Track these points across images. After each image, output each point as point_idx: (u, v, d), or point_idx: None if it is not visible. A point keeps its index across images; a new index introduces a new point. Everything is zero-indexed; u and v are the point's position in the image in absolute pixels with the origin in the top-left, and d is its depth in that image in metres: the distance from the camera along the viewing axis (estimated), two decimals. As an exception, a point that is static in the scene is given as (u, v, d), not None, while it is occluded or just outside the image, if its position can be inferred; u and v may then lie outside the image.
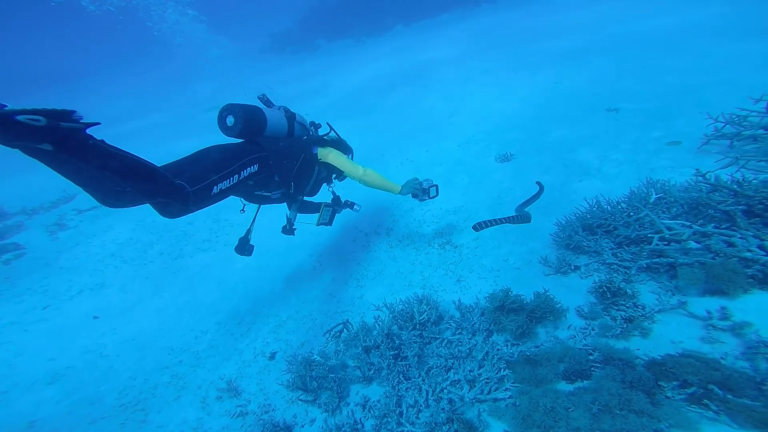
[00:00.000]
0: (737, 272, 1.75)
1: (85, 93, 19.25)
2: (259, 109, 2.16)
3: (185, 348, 2.65)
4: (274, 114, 2.22)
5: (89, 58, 26.92)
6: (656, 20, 7.15)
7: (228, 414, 2.04)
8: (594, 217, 2.50)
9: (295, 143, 2.36)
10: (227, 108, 2.07)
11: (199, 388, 2.30)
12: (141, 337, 2.90)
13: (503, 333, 2.03)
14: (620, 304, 1.97)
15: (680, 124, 3.58)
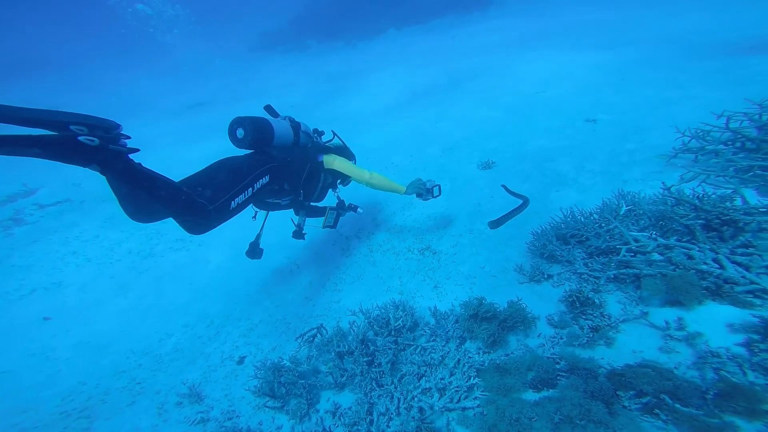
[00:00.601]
0: (693, 284, 1.86)
1: (74, 84, 18.32)
2: (266, 120, 2.30)
3: (147, 351, 2.55)
4: (281, 124, 2.36)
5: (78, 50, 25.72)
6: (638, 32, 7.51)
7: (187, 421, 1.97)
8: (568, 227, 2.60)
9: (301, 152, 2.51)
10: (237, 121, 2.21)
11: (157, 393, 2.21)
12: (98, 340, 2.77)
13: (476, 341, 2.08)
14: (588, 313, 2.05)
15: (653, 137, 3.78)
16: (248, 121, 2.19)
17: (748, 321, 1.73)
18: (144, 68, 19.59)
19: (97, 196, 5.52)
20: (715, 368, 1.53)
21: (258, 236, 2.73)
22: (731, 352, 1.60)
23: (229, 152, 2.21)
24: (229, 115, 2.26)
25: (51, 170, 7.03)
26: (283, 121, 2.42)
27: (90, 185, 6.03)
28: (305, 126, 2.58)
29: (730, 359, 1.57)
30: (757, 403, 1.28)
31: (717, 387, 1.40)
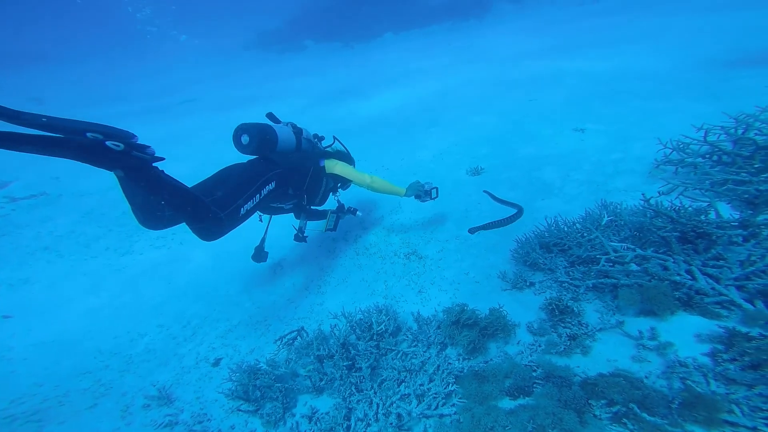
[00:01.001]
0: (667, 295, 1.94)
1: (62, 77, 17.79)
2: (270, 127, 2.41)
3: (116, 352, 2.47)
4: (284, 130, 2.48)
5: (66, 43, 25.14)
6: (632, 45, 7.74)
7: (153, 424, 1.91)
8: (551, 235, 2.67)
9: (303, 157, 2.64)
10: (242, 128, 2.32)
11: (123, 395, 2.14)
12: (63, 340, 2.67)
13: (457, 347, 2.12)
14: (567, 321, 2.11)
15: (637, 148, 3.90)
16: (253, 128, 2.30)
17: (714, 332, 1.81)
18: (136, 63, 19.24)
19: (76, 191, 5.38)
20: (682, 378, 1.59)
21: (262, 240, 2.86)
22: (698, 362, 1.68)
23: (208, 152, 2.19)
24: (216, 115, 2.25)
25: (26, 163, 6.82)
26: (285, 128, 2.53)
27: (69, 180, 5.87)
28: (306, 132, 2.70)
29: (696, 369, 1.64)
30: (715, 412, 1.35)
31: (682, 396, 1.46)
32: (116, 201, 4.96)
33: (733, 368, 1.62)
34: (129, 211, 5.09)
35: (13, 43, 24.77)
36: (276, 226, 2.93)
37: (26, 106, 6.49)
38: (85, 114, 10.22)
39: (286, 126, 2.57)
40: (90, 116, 8.84)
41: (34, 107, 12.27)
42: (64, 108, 11.51)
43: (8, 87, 15.67)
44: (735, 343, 1.71)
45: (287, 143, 2.49)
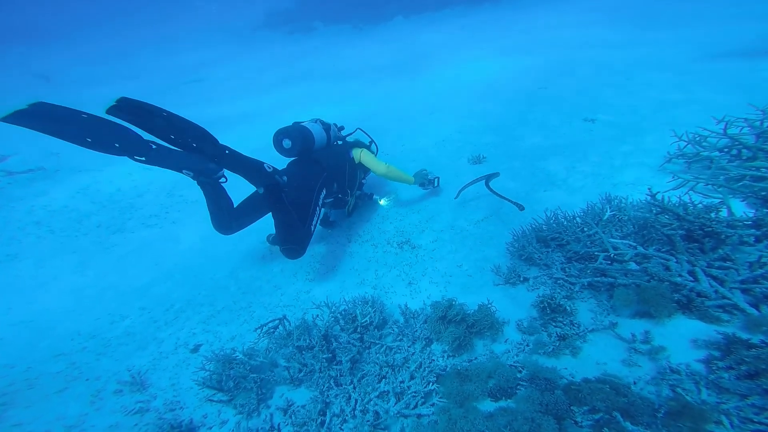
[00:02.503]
0: (665, 297, 1.84)
1: (56, 52, 17.58)
2: (306, 128, 2.69)
3: (95, 334, 2.44)
4: (316, 129, 2.75)
5: (63, 14, 24.70)
6: (649, 33, 7.31)
7: (123, 410, 1.89)
8: (550, 229, 2.55)
9: (338, 153, 2.92)
10: (282, 132, 2.62)
11: (97, 379, 2.11)
12: (42, 320, 2.64)
13: (442, 343, 2.06)
14: (558, 320, 2.03)
15: (649, 141, 3.70)
16: (293, 132, 2.60)
17: (711, 337, 1.72)
18: (146, 36, 18.95)
19: (74, 167, 5.35)
20: (671, 385, 1.52)
21: None
22: (690, 368, 1.59)
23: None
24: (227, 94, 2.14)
25: (25, 138, 6.80)
26: (316, 125, 2.78)
27: (67, 156, 5.84)
28: (333, 126, 2.96)
29: (688, 376, 1.55)
30: (702, 422, 1.28)
31: (669, 405, 1.38)
32: (112, 177, 4.93)
33: (728, 377, 1.53)
34: (124, 188, 5.02)
35: (20, 18, 24.45)
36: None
37: (33, 84, 6.39)
38: (96, 93, 10.09)
39: (316, 123, 2.79)
40: (100, 95, 8.68)
41: (41, 85, 12.26)
42: (72, 86, 11.40)
43: (15, 64, 15.56)
44: (733, 350, 1.61)
45: (321, 141, 2.76)
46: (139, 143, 1.91)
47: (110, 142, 1.79)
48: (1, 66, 15.03)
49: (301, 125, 2.69)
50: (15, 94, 10.90)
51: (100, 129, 1.79)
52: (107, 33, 21.21)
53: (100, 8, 25.15)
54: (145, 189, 4.54)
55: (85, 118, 1.75)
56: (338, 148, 2.96)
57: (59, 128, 1.70)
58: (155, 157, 1.94)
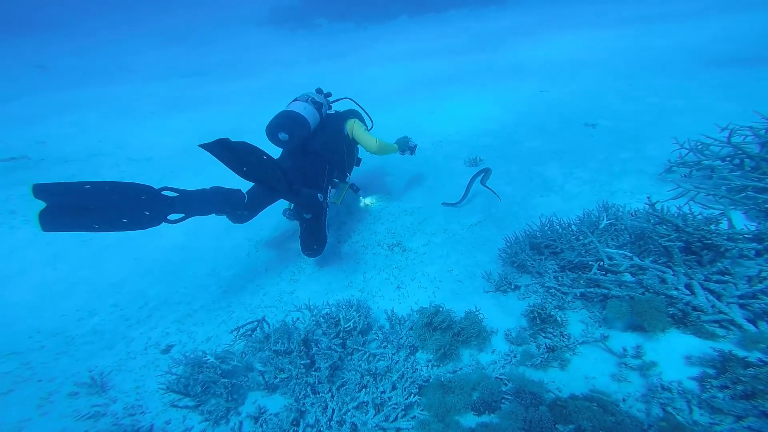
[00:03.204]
0: (659, 310, 1.78)
1: (52, 42, 17.42)
2: (299, 115, 2.61)
3: (58, 331, 2.33)
4: (309, 112, 2.67)
5: (60, 6, 24.55)
6: (656, 40, 7.30)
7: (74, 415, 1.77)
8: (544, 236, 2.50)
9: (334, 136, 2.84)
10: (277, 125, 2.53)
11: (51, 380, 2.00)
12: (1, 316, 2.53)
13: (427, 352, 2.00)
14: (548, 331, 1.98)
15: (650, 148, 3.67)
16: (287, 121, 2.52)
17: (706, 354, 1.67)
18: (142, 30, 18.84)
19: (59, 157, 5.27)
20: (662, 403, 1.46)
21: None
22: (683, 386, 1.54)
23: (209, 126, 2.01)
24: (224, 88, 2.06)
25: (12, 127, 6.71)
26: (308, 107, 2.70)
27: (54, 145, 5.76)
28: (322, 100, 2.85)
29: (680, 394, 1.50)
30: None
31: (659, 425, 1.33)
32: (98, 168, 4.85)
33: (722, 397, 1.48)
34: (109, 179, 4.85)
35: (18, 9, 24.24)
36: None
37: (31, 73, 6.28)
38: (89, 81, 9.96)
39: (308, 103, 2.70)
40: (93, 84, 8.48)
41: (38, 74, 12.15)
42: (66, 76, 11.28)
43: (12, 54, 15.42)
44: (729, 368, 1.56)
45: (314, 121, 2.69)
46: (165, 202, 2.06)
47: (143, 219, 1.97)
48: (6, 58, 14.90)
49: (295, 113, 2.58)
50: (12, 82, 10.79)
51: (129, 211, 1.92)
52: (106, 24, 21.11)
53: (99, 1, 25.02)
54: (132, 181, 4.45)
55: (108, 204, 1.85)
56: (333, 127, 2.83)
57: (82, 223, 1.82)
58: (190, 210, 2.16)
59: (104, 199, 1.83)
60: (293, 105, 2.68)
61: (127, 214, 1.89)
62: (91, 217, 1.80)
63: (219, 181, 2.35)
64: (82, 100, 8.43)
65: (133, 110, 7.41)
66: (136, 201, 1.93)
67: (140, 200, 1.94)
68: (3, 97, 9.20)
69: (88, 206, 1.80)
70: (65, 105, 8.10)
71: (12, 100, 8.89)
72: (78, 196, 1.78)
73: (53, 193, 1.75)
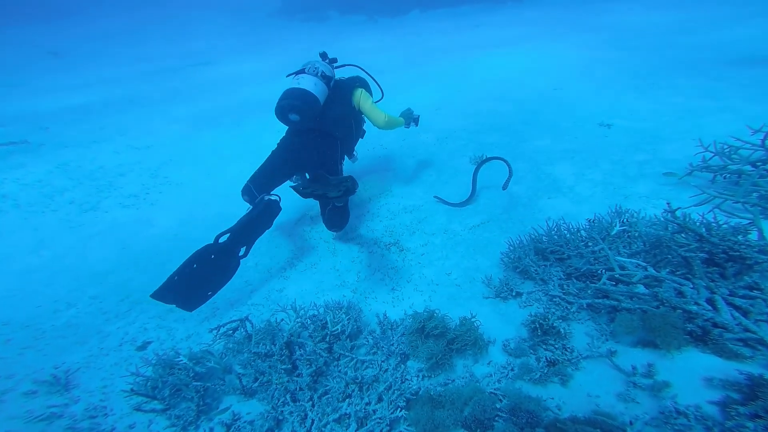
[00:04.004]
0: (675, 326, 1.63)
1: (64, 28, 17.62)
2: (308, 93, 2.51)
3: (29, 323, 2.23)
4: (319, 88, 2.57)
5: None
6: (681, 37, 6.99)
7: (26, 417, 1.64)
8: (550, 241, 2.35)
9: (342, 111, 2.75)
10: (286, 106, 2.48)
11: (8, 378, 1.88)
12: None
13: (419, 360, 1.88)
14: (549, 343, 1.84)
15: (669, 149, 3.47)
16: (302, 105, 2.46)
17: (731, 376, 1.51)
18: (156, 16, 18.95)
19: (59, 142, 5.26)
20: (677, 430, 1.32)
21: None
22: (701, 411, 1.39)
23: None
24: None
25: (19, 111, 6.75)
26: (318, 83, 2.59)
27: (57, 130, 5.76)
28: (328, 70, 2.71)
29: (698, 420, 1.35)
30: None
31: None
32: (97, 154, 4.83)
33: (753, 427, 1.32)
34: (108, 166, 4.85)
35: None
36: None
37: (45, 59, 6.21)
38: (99, 68, 9.98)
39: (318, 79, 2.59)
40: (103, 71, 8.41)
41: (51, 60, 12.28)
42: (79, 62, 11.37)
43: (27, 41, 15.65)
44: (760, 394, 1.39)
45: (323, 95, 2.61)
46: (227, 247, 2.34)
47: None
48: (14, 42, 15.14)
49: (306, 93, 2.49)
50: (27, 69, 10.90)
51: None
52: (122, 9, 21.31)
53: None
54: (129, 168, 4.42)
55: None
56: (341, 101, 2.74)
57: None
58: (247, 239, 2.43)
59: (197, 275, 2.19)
60: (302, 80, 2.55)
61: (215, 275, 2.27)
62: (197, 288, 2.22)
63: (216, 168, 2.21)
64: (89, 86, 8.48)
65: (139, 98, 7.42)
66: (211, 263, 2.25)
67: (212, 260, 2.25)
68: (13, 83, 9.31)
69: (192, 285, 2.20)
70: (72, 91, 8.16)
71: (21, 86, 8.98)
72: (183, 281, 2.16)
73: (168, 290, 2.13)
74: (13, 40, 15.53)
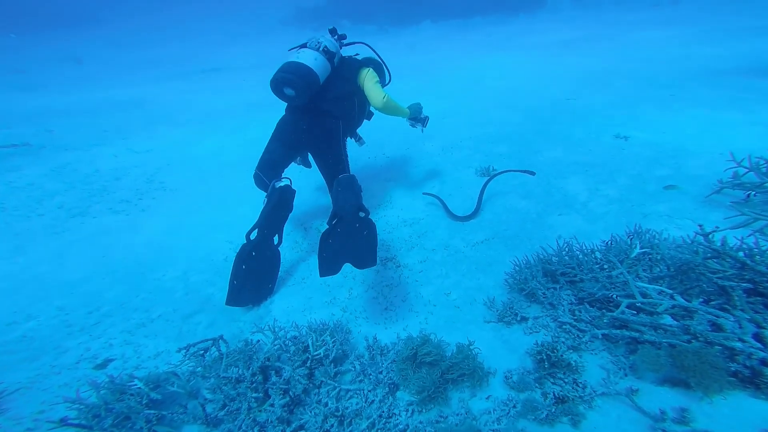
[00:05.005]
0: (716, 366, 1.43)
1: (86, 35, 18.43)
2: (306, 68, 2.38)
3: None
4: (319, 63, 2.44)
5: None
6: (707, 48, 6.83)
7: None
8: (561, 262, 2.17)
9: (346, 90, 2.63)
10: (281, 80, 2.34)
11: None
12: None
13: (409, 391, 1.70)
14: (558, 377, 1.65)
15: (694, 164, 3.27)
16: (298, 80, 2.32)
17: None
18: (171, 21, 19.67)
19: (60, 145, 5.34)
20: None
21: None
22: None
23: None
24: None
25: (29, 114, 6.94)
26: (318, 56, 2.46)
27: (62, 133, 5.87)
28: (332, 46, 2.58)
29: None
30: None
31: None
32: (95, 158, 4.86)
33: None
34: (103, 170, 4.79)
35: (62, 4, 25.98)
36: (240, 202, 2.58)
37: (67, 64, 6.36)
38: (127, 81, 10.22)
39: (318, 53, 2.47)
40: (126, 79, 8.60)
41: (74, 66, 12.74)
42: (101, 69, 11.73)
43: (53, 48, 16.38)
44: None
45: (324, 72, 2.48)
46: (260, 242, 2.37)
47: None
48: (40, 50, 15.88)
49: (303, 66, 2.35)
50: (48, 74, 11.30)
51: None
52: (142, 18, 22.30)
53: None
54: (125, 173, 4.42)
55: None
56: (345, 78, 2.61)
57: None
58: (275, 227, 2.45)
59: (251, 273, 2.28)
60: (302, 54, 2.42)
61: (265, 269, 2.37)
62: (258, 283, 2.35)
63: (212, 174, 2.08)
64: (101, 90, 8.71)
65: (146, 102, 7.59)
66: (255, 259, 2.30)
67: (252, 256, 2.29)
68: (31, 86, 9.62)
69: (251, 283, 2.32)
70: (83, 95, 8.39)
71: (38, 89, 9.26)
72: (242, 282, 2.25)
73: (236, 294, 2.24)
74: (39, 46, 16.26)
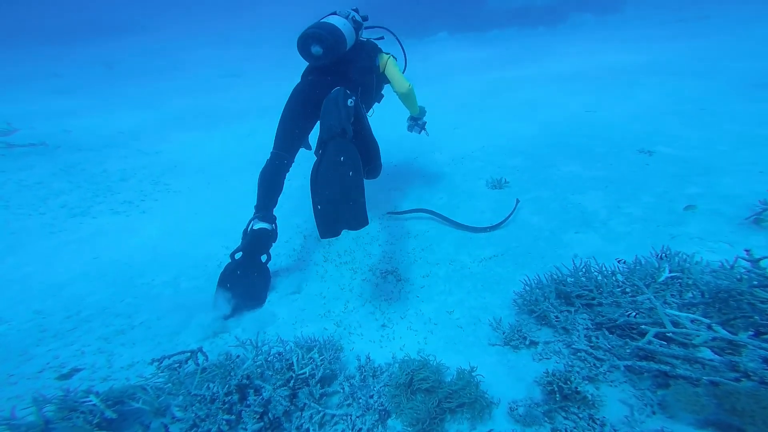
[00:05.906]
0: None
1: (118, 42, 19.46)
2: (338, 29, 2.38)
3: None
4: (347, 29, 2.46)
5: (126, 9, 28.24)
6: (739, 63, 6.58)
7: None
8: (577, 283, 1.99)
9: (365, 64, 2.63)
10: (311, 36, 2.30)
11: None
12: None
13: (403, 421, 1.54)
14: (571, 411, 1.46)
15: (728, 183, 3.05)
16: (328, 37, 2.29)
17: None
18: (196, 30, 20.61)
19: (75, 145, 5.50)
20: None
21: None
22: None
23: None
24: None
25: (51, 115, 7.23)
26: (348, 24, 2.48)
27: (79, 134, 6.07)
28: (359, 19, 2.63)
29: None
30: None
31: None
32: (104, 158, 4.96)
33: None
34: (111, 170, 4.85)
35: (98, 13, 27.82)
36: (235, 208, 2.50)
37: (97, 69, 6.51)
38: (150, 85, 10.58)
39: (348, 21, 2.50)
40: (154, 85, 8.85)
41: (104, 71, 13.32)
42: (130, 74, 12.25)
43: (88, 54, 17.25)
44: None
45: (350, 39, 2.49)
46: (243, 263, 2.37)
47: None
48: (76, 55, 16.81)
49: (334, 27, 2.35)
50: (83, 79, 11.82)
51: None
52: (170, 26, 23.61)
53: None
54: (132, 173, 4.48)
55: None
56: (365, 54, 2.64)
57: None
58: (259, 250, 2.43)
59: (235, 289, 2.28)
60: (331, 18, 2.44)
61: (257, 283, 2.38)
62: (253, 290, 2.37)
63: (218, 178, 2.00)
64: (127, 96, 9.02)
65: (162, 104, 7.82)
66: (238, 277, 2.31)
67: (237, 275, 2.31)
68: (63, 90, 10.06)
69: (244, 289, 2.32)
70: (108, 99, 8.70)
71: (68, 93, 9.67)
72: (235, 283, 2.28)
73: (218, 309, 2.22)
74: (75, 55, 17.17)
